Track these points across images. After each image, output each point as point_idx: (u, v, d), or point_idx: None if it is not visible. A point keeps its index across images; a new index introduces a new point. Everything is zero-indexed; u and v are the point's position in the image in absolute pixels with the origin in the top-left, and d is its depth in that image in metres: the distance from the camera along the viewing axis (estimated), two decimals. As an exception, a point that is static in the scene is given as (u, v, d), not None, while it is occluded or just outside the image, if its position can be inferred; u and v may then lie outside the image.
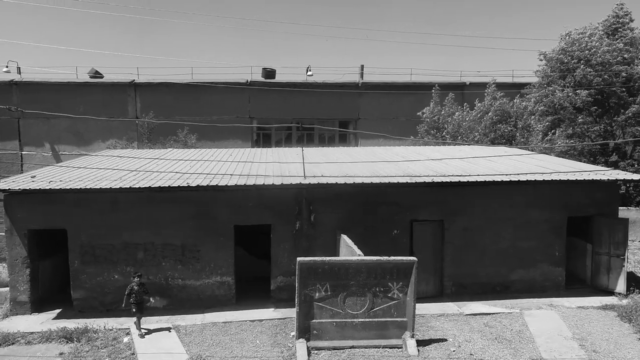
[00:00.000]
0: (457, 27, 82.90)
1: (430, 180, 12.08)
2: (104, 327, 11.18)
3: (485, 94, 23.55)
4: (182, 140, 22.57)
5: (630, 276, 15.17)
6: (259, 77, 29.00)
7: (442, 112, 23.33)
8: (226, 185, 11.50)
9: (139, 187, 11.35)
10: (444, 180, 12.02)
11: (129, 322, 11.42)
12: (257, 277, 13.93)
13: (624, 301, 12.57)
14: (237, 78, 27.89)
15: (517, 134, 22.75)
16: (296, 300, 9.77)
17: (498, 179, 12.24)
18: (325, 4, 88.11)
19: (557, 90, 20.98)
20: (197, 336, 10.83)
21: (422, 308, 12.36)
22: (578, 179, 12.52)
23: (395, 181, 11.93)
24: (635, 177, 13.08)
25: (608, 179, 12.93)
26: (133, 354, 10.05)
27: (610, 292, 13.23)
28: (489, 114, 22.58)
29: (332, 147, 23.28)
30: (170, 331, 10.96)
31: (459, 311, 12.17)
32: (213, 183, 11.58)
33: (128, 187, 11.27)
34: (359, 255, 10.05)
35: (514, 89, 26.30)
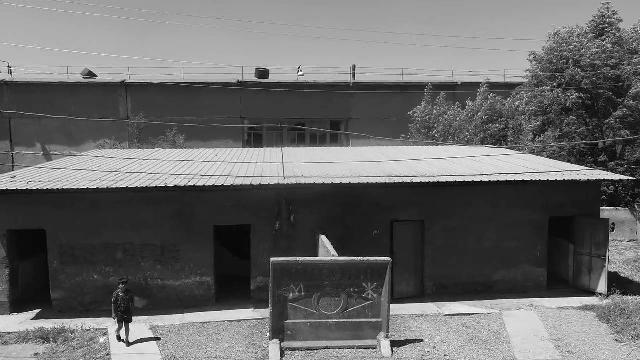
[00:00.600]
0: (457, 28, 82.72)
1: (409, 181, 12.06)
2: (82, 327, 11.19)
3: (478, 93, 23.53)
4: (171, 141, 22.59)
5: (614, 276, 15.18)
6: (250, 77, 29.01)
7: (434, 112, 23.30)
8: (204, 185, 11.50)
9: (117, 188, 11.36)
10: (422, 181, 12.01)
11: (107, 323, 11.43)
12: (241, 277, 13.91)
13: (605, 302, 12.54)
14: (228, 78, 27.88)
15: (509, 134, 22.74)
16: (270, 300, 9.77)
17: (477, 179, 12.22)
18: (326, 5, 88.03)
19: (546, 91, 20.95)
20: (173, 336, 10.83)
21: (401, 308, 12.38)
22: (558, 179, 12.50)
23: (374, 181, 11.92)
24: (615, 177, 13.07)
25: (589, 179, 12.91)
26: (108, 354, 10.05)
27: (591, 293, 13.21)
28: (479, 113, 22.56)
29: (324, 147, 23.29)
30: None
31: (439, 312, 12.16)
32: (191, 184, 11.58)
33: (105, 187, 11.28)
34: (334, 255, 10.04)
35: (506, 88, 26.23)
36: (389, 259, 9.96)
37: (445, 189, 12.81)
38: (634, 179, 14.73)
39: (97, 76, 32.33)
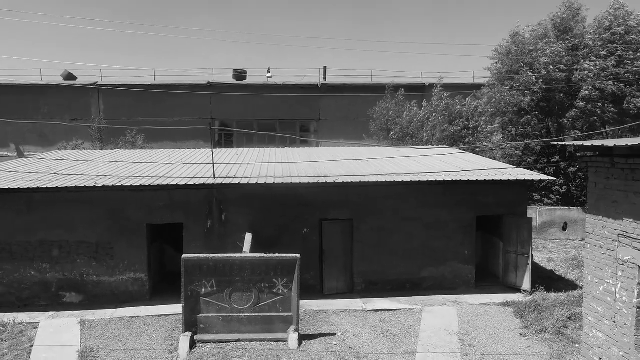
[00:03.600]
0: (427, 32, 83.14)
1: (333, 181, 12.48)
2: (14, 321, 11.68)
3: (433, 94, 23.91)
4: (131, 141, 23.07)
5: (549, 274, 15.57)
6: (221, 79, 29.49)
7: (391, 112, 23.66)
8: (131, 185, 11.98)
9: (47, 187, 11.85)
10: (344, 181, 12.42)
11: (40, 317, 11.93)
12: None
13: (527, 298, 12.94)
14: (199, 80, 28.36)
15: (468, 134, 23.10)
16: (182, 295, 10.23)
17: (399, 179, 12.63)
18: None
19: (503, 93, 21.31)
20: (99, 330, 11.30)
21: (328, 304, 12.81)
22: (479, 179, 12.89)
23: (297, 181, 12.36)
24: (537, 176, 13.45)
25: (516, 179, 13.31)
26: (32, 345, 10.53)
27: (517, 290, 13.61)
28: (435, 114, 22.92)
29: (293, 147, 23.69)
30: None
31: (363, 307, 12.57)
32: (120, 184, 12.05)
33: (36, 187, 11.77)
34: (244, 252, 10.48)
35: (472, 89, 26.60)
36: (298, 255, 10.39)
37: (373, 188, 13.23)
38: (555, 179, 15.09)
39: (77, 78, 32.94)
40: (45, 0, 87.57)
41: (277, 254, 10.40)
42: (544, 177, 13.42)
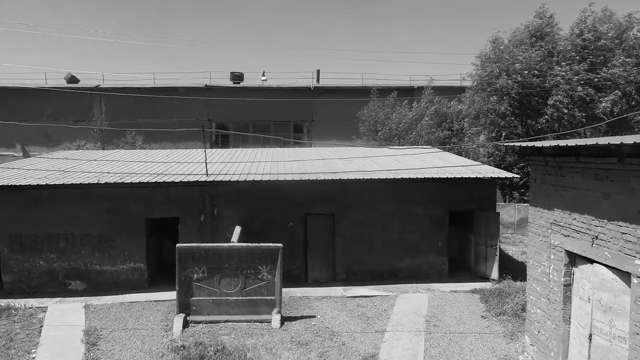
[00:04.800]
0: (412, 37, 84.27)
1: (315, 178, 13.65)
2: (24, 305, 12.88)
3: (423, 96, 25.06)
4: (130, 142, 24.28)
5: (521, 265, 16.71)
6: (219, 81, 30.67)
7: (380, 114, 24.84)
8: (131, 182, 13.17)
9: (55, 184, 13.04)
10: (325, 178, 13.60)
11: (48, 302, 13.13)
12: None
13: (495, 286, 14.09)
14: (197, 83, 29.56)
15: (453, 135, 24.28)
16: (176, 280, 11.42)
17: (375, 176, 13.80)
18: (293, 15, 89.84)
19: (482, 98, 22.47)
20: (102, 313, 12.49)
21: (311, 291, 13.99)
22: (449, 177, 14.06)
23: (283, 178, 13.54)
24: (502, 174, 14.61)
25: (484, 177, 14.47)
26: (41, 326, 11.73)
27: (487, 279, 14.78)
28: (426, 118, 24.09)
29: (285, 148, 24.83)
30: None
31: (343, 294, 13.75)
32: (121, 181, 13.24)
33: (44, 184, 12.97)
34: (232, 242, 11.66)
35: (460, 92, 27.75)
36: (280, 245, 11.56)
37: (353, 185, 14.41)
38: (519, 177, 16.24)
39: (79, 80, 34.17)
40: (53, 11, 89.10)
41: (261, 244, 11.59)
42: (509, 175, 14.58)
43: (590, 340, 7.48)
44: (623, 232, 6.69)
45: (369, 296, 13.59)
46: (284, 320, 11.56)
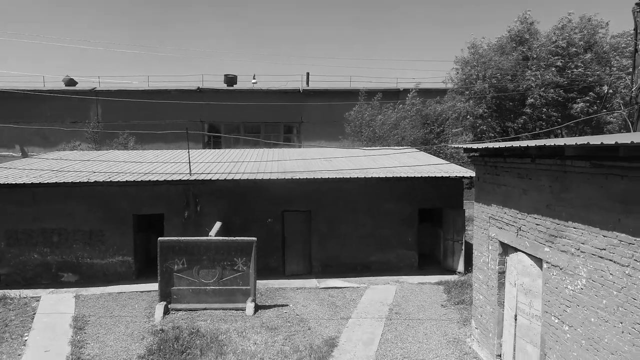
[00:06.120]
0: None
1: (291, 177, 14.61)
2: (19, 295, 13.88)
3: (407, 98, 26.01)
4: (123, 143, 25.29)
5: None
6: (211, 84, 31.66)
7: (366, 115, 25.81)
8: (118, 181, 14.16)
9: (48, 183, 14.04)
10: (301, 177, 14.55)
11: (41, 293, 14.13)
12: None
13: (461, 278, 15.05)
14: (190, 85, 30.55)
15: (434, 136, 25.23)
16: (158, 271, 12.40)
17: (347, 175, 14.75)
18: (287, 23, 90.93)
19: (461, 101, 23.41)
20: (91, 302, 13.48)
21: (288, 283, 14.96)
22: (417, 176, 15.00)
23: (261, 177, 14.51)
24: (468, 173, 15.53)
25: (450, 176, 15.41)
26: (34, 313, 12.73)
27: (454, 272, 15.72)
28: (407, 119, 25.04)
29: (272, 149, 25.82)
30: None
31: (317, 285, 14.71)
32: (109, 180, 14.23)
33: (38, 182, 13.97)
34: (210, 236, 12.64)
35: (444, 94, 28.70)
36: (254, 238, 12.53)
37: (329, 183, 15.37)
38: None
39: (77, 83, 35.22)
40: (51, 16, 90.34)
41: (237, 237, 12.56)
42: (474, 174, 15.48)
43: (516, 320, 8.44)
44: (537, 223, 7.65)
45: (341, 287, 14.55)
46: (258, 308, 12.53)
